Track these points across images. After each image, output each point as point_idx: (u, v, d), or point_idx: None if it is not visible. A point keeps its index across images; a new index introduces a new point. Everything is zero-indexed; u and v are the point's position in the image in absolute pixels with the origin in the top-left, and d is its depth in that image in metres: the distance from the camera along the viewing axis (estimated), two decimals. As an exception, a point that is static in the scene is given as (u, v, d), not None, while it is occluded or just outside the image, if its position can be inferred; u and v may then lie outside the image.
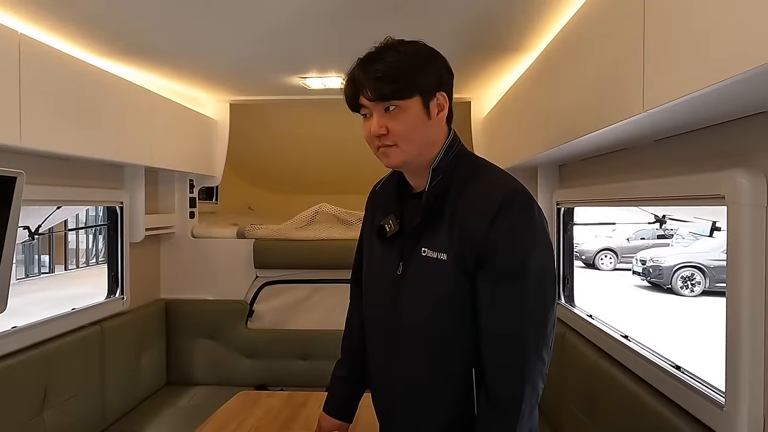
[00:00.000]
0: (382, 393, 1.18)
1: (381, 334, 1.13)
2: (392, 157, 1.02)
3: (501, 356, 0.97)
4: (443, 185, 1.03)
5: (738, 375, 1.08)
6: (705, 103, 0.97)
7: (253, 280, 2.98)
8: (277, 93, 2.86)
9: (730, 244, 1.11)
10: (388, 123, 0.99)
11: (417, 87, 1.00)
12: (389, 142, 1.01)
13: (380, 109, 1.00)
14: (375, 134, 1.00)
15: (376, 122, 1.00)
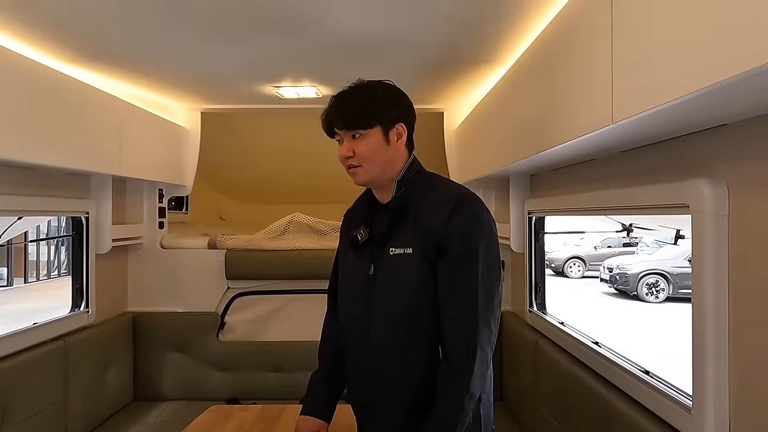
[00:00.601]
0: (359, 385, 1.30)
1: (357, 332, 1.26)
2: (358, 175, 1.25)
3: (457, 326, 1.15)
4: (406, 195, 1.24)
5: (704, 379, 1.12)
6: (670, 116, 1.01)
7: (225, 291, 2.92)
8: (249, 102, 2.83)
9: (695, 252, 1.15)
10: (354, 147, 1.22)
11: (378, 119, 1.22)
12: (355, 163, 1.23)
13: (348, 136, 1.23)
14: (344, 156, 1.23)
15: (345, 146, 1.23)
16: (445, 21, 1.65)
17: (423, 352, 1.19)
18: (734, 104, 0.93)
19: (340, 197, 4.04)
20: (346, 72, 2.24)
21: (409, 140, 1.29)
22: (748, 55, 0.70)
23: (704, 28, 0.80)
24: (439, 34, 1.78)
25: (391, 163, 1.25)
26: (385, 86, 1.27)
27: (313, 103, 2.82)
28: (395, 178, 1.26)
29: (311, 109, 2.93)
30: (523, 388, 2.24)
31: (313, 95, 2.61)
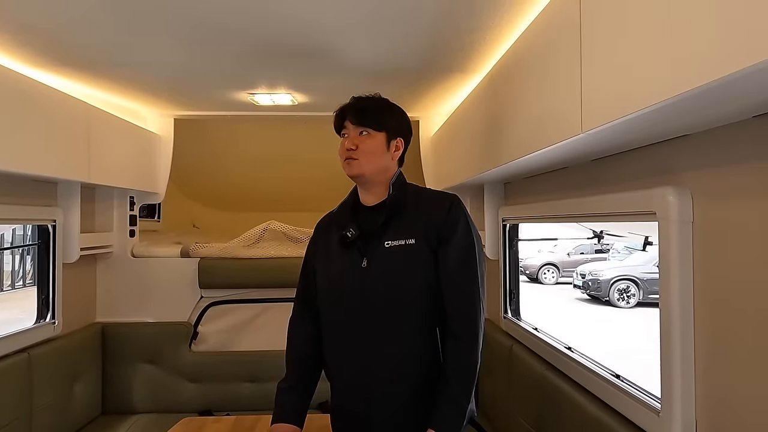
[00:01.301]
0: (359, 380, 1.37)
1: (350, 326, 1.37)
2: (353, 167, 1.38)
3: (461, 302, 1.34)
4: (399, 195, 1.41)
5: (671, 382, 1.15)
6: (637, 125, 1.04)
7: (198, 300, 2.87)
8: (224, 108, 2.81)
9: (662, 257, 1.18)
10: (358, 142, 1.38)
11: (385, 126, 1.41)
12: (355, 156, 1.37)
13: (356, 131, 1.39)
14: (348, 147, 1.38)
15: (350, 138, 1.39)
16: (422, 32, 1.67)
17: (421, 336, 1.36)
18: (696, 115, 0.96)
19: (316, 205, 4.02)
20: (322, 80, 2.26)
21: (401, 156, 1.47)
22: (708, 68, 0.73)
23: (667, 43, 0.83)
24: (415, 45, 1.80)
25: (384, 169, 1.41)
26: (397, 105, 1.47)
27: (289, 111, 2.81)
28: (386, 182, 1.42)
29: (287, 116, 2.94)
30: (498, 393, 2.25)
31: (288, 102, 2.60)
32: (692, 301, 1.14)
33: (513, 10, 1.48)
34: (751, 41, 0.66)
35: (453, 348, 1.33)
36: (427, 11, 1.50)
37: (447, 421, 1.29)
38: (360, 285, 1.36)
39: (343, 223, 1.43)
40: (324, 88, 2.40)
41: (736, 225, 1.01)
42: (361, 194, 1.47)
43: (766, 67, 0.65)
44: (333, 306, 1.44)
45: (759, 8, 0.64)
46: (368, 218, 1.42)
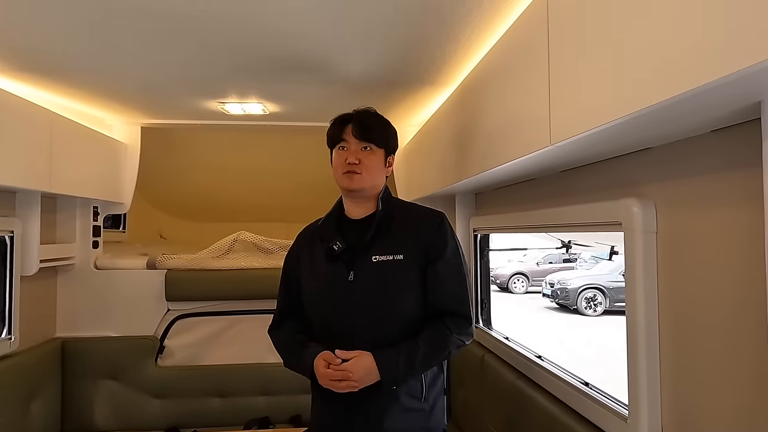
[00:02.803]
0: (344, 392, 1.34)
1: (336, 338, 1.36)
2: (356, 181, 1.40)
3: (457, 304, 1.41)
4: (388, 210, 1.44)
5: (638, 389, 1.17)
6: (603, 138, 1.07)
7: (165, 313, 2.79)
8: (193, 117, 2.76)
9: (628, 266, 1.22)
10: (362, 157, 1.40)
11: (385, 144, 1.45)
12: (358, 170, 1.39)
13: (359, 146, 1.41)
14: (351, 161, 1.39)
15: (353, 152, 1.40)
16: (394, 46, 1.68)
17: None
18: (657, 129, 1.00)
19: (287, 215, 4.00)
20: (294, 90, 2.25)
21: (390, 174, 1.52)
22: (668, 85, 0.76)
23: (631, 60, 0.86)
24: (387, 58, 1.81)
25: (378, 184, 1.45)
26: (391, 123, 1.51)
27: (261, 120, 2.79)
28: (376, 196, 1.45)
29: (258, 125, 2.91)
30: (470, 402, 2.26)
31: (259, 112, 2.58)
32: (657, 309, 1.17)
33: (483, 25, 1.51)
34: (707, 60, 0.69)
35: (440, 324, 1.38)
36: (399, 26, 1.52)
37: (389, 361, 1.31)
38: (347, 298, 1.37)
39: (328, 236, 1.43)
40: (296, 98, 2.39)
41: (696, 234, 1.05)
42: (348, 207, 1.48)
43: (721, 85, 0.68)
44: (319, 318, 1.44)
45: (714, 30, 0.67)
46: (355, 231, 1.42)
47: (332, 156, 1.47)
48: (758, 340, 0.88)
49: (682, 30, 0.73)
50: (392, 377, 1.32)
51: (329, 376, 1.31)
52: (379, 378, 1.31)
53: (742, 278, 0.92)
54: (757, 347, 0.89)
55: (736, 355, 0.94)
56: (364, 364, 1.30)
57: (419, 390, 1.40)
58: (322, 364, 1.33)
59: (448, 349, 1.38)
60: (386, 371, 1.31)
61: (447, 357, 1.41)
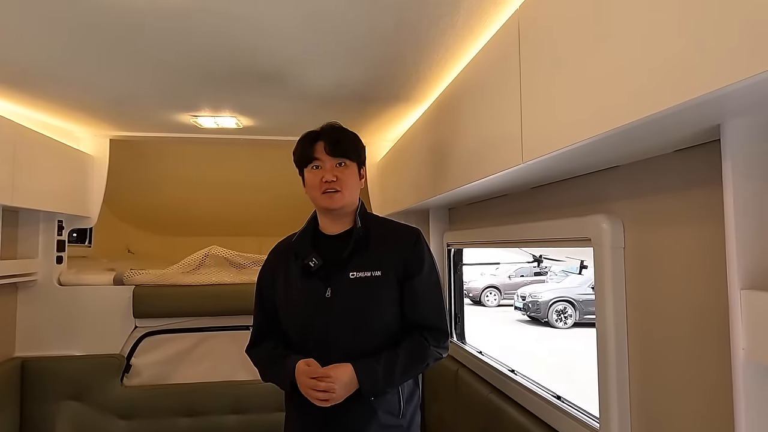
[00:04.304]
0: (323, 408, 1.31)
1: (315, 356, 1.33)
2: (336, 199, 1.39)
3: (434, 318, 1.42)
4: (366, 227, 1.43)
5: (608, 401, 1.20)
6: (572, 157, 1.10)
7: (132, 330, 2.71)
8: (165, 130, 2.72)
9: (597, 281, 1.25)
10: (338, 174, 1.39)
11: (357, 157, 1.44)
12: (338, 187, 1.38)
13: (334, 163, 1.39)
14: (328, 180, 1.37)
15: (330, 171, 1.38)
16: (369, 62, 1.70)
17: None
18: (624, 148, 1.03)
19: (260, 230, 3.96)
20: (269, 105, 2.24)
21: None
22: (634, 108, 0.79)
23: (599, 84, 0.89)
24: (362, 74, 1.83)
25: (355, 199, 1.45)
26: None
27: (234, 134, 2.76)
28: (353, 212, 1.44)
29: (231, 139, 2.89)
30: (445, 416, 2.26)
31: (233, 126, 2.56)
32: (625, 323, 1.20)
33: (457, 45, 1.54)
34: (671, 85, 0.72)
35: (418, 336, 1.38)
36: (375, 42, 1.54)
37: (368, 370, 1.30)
38: (325, 315, 1.36)
39: (303, 252, 1.42)
40: (270, 112, 2.39)
41: (661, 250, 1.08)
42: (323, 223, 1.47)
43: (684, 109, 0.72)
44: (296, 335, 1.42)
45: (678, 56, 0.71)
46: (331, 247, 1.41)
47: (304, 176, 1.45)
48: (720, 352, 0.91)
49: (648, 56, 0.77)
50: (372, 387, 1.31)
51: (313, 385, 1.28)
52: (358, 388, 1.30)
53: (705, 293, 0.96)
54: (719, 359, 0.92)
55: (701, 367, 0.98)
56: (343, 378, 1.29)
57: (397, 406, 1.40)
58: (305, 369, 1.31)
59: (426, 360, 1.38)
60: (366, 381, 1.30)
61: (425, 368, 1.41)
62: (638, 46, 0.79)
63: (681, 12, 0.70)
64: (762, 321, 0.75)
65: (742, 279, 0.78)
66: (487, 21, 1.38)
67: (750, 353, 0.76)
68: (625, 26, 0.82)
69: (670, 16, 0.72)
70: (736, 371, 0.78)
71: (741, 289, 0.78)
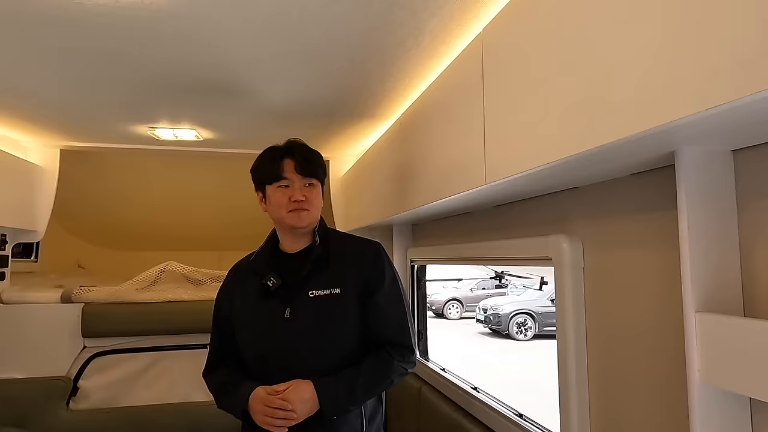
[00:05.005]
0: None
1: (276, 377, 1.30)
2: (303, 219, 1.37)
3: (398, 334, 1.39)
4: (324, 243, 1.41)
5: (570, 420, 1.21)
6: (534, 179, 1.12)
7: (80, 351, 2.57)
8: (120, 141, 2.62)
9: (558, 299, 1.26)
10: (306, 193, 1.37)
11: (322, 177, 1.43)
12: (306, 207, 1.36)
13: (303, 182, 1.38)
14: (297, 199, 1.35)
15: (299, 190, 1.36)
16: (333, 77, 1.69)
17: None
18: (582, 172, 1.06)
19: (220, 244, 3.86)
20: (230, 118, 2.20)
21: None
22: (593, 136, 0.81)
23: (558, 111, 0.91)
24: (327, 89, 1.82)
25: (318, 216, 1.43)
26: None
27: (193, 146, 2.69)
28: (313, 229, 1.42)
29: (190, 151, 2.81)
30: (408, 437, 2.23)
31: (193, 138, 2.49)
32: (585, 340, 1.22)
33: (422, 64, 1.55)
34: (629, 115, 0.74)
35: (382, 352, 1.36)
36: (339, 57, 1.53)
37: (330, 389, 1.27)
38: (284, 336, 1.33)
39: (262, 271, 1.39)
40: (232, 126, 2.34)
41: (618, 271, 1.11)
42: (284, 241, 1.44)
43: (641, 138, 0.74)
44: (255, 358, 1.38)
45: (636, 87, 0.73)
46: (290, 266, 1.39)
47: (266, 193, 1.41)
48: (678, 371, 0.94)
49: (606, 86, 0.79)
50: (333, 406, 1.28)
51: (265, 412, 1.24)
52: (319, 408, 1.26)
53: (662, 314, 0.99)
54: (677, 378, 0.94)
55: (660, 386, 1.00)
56: (302, 396, 1.25)
57: (359, 426, 1.37)
58: (260, 399, 1.27)
59: (391, 377, 1.35)
60: (327, 400, 1.27)
61: (390, 385, 1.38)
62: (598, 75, 0.81)
63: (639, 45, 0.73)
64: (716, 343, 0.77)
65: (696, 302, 0.80)
66: (452, 42, 1.40)
67: (705, 375, 0.78)
68: (585, 56, 0.84)
69: (628, 49, 0.75)
70: (692, 393, 0.80)
71: (696, 311, 0.80)
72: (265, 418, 1.25)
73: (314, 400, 1.26)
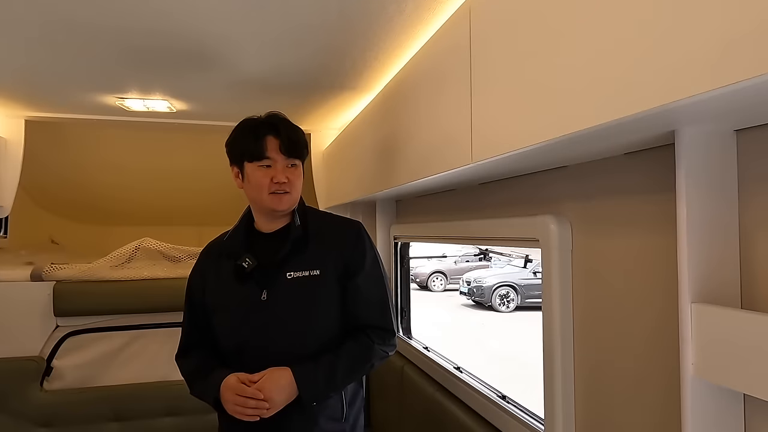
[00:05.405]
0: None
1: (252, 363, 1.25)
2: (284, 202, 1.30)
3: (379, 317, 1.35)
4: (303, 223, 1.34)
5: (554, 404, 1.18)
6: (522, 157, 1.05)
7: (53, 330, 2.49)
8: (89, 112, 2.48)
9: (544, 281, 1.22)
10: (289, 175, 1.29)
11: (305, 157, 1.35)
12: (288, 189, 1.29)
13: (286, 163, 1.30)
14: (280, 181, 1.28)
15: (281, 171, 1.28)
16: (313, 48, 1.59)
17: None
18: (572, 151, 1.00)
19: (199, 219, 3.75)
20: (204, 89, 2.08)
21: None
22: (588, 115, 0.75)
23: (551, 88, 0.84)
24: (306, 60, 1.71)
25: (299, 197, 1.35)
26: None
27: (166, 118, 2.57)
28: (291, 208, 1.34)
29: (163, 123, 2.68)
30: (390, 414, 2.22)
31: (165, 110, 2.37)
32: (572, 325, 1.18)
33: (405, 33, 1.46)
34: (628, 94, 0.67)
35: (362, 336, 1.31)
36: (319, 28, 1.43)
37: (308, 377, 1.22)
38: (260, 320, 1.27)
39: (236, 252, 1.32)
40: (206, 97, 2.22)
41: (609, 254, 1.06)
42: (260, 221, 1.37)
43: (641, 118, 0.67)
44: (230, 343, 1.32)
45: (636, 65, 0.66)
46: (266, 247, 1.32)
47: (244, 170, 1.32)
48: (668, 362, 0.90)
49: (604, 63, 0.72)
50: (312, 393, 1.23)
51: (236, 401, 1.19)
52: (297, 395, 1.22)
53: (654, 302, 0.94)
54: (667, 369, 0.91)
55: (648, 376, 0.96)
56: (279, 383, 1.20)
57: (339, 410, 1.33)
58: (231, 387, 1.21)
59: (371, 361, 1.32)
60: (305, 387, 1.22)
61: (370, 369, 1.34)
62: (594, 49, 0.74)
63: (639, 19, 0.66)
64: (712, 336, 0.73)
65: (693, 292, 0.76)
66: (437, 9, 1.31)
67: (699, 369, 0.74)
68: (581, 28, 0.77)
69: (628, 23, 0.67)
70: (685, 386, 0.76)
71: (692, 302, 0.76)
72: (236, 408, 1.20)
73: (292, 387, 1.22)
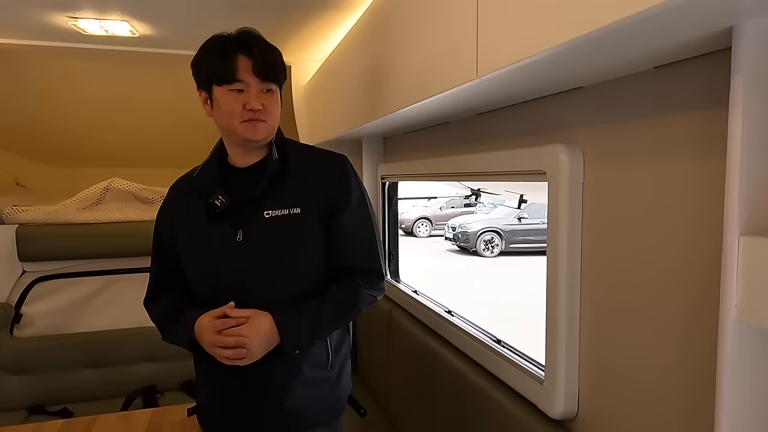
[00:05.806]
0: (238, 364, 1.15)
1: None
2: (260, 131, 1.16)
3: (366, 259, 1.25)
4: (282, 156, 1.21)
5: (556, 351, 1.09)
6: (533, 72, 0.90)
7: (20, 276, 2.35)
8: (40, 37, 2.22)
9: (551, 217, 1.10)
10: (264, 101, 1.15)
11: (282, 81, 1.20)
12: (263, 117, 1.15)
13: (260, 88, 1.15)
14: (254, 108, 1.13)
15: (255, 97, 1.14)
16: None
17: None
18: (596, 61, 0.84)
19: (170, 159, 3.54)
20: (168, 6, 1.84)
21: None
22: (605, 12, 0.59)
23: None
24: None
25: (276, 126, 1.22)
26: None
27: (129, 45, 2.32)
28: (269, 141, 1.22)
29: (129, 51, 2.44)
30: (378, 359, 2.17)
31: (126, 34, 2.13)
32: (579, 267, 1.08)
33: (396, -68, 1.26)
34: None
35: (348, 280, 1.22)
36: None
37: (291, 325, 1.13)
38: (236, 262, 1.17)
39: (207, 190, 1.20)
40: (173, 18, 1.98)
41: (628, 187, 0.94)
42: (233, 154, 1.24)
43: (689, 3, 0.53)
44: (203, 287, 1.22)
45: None
46: (241, 183, 1.20)
47: (213, 94, 1.15)
48: (692, 306, 0.80)
49: None
50: (295, 341, 1.14)
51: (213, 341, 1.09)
52: (279, 342, 1.13)
53: (679, 237, 0.83)
54: (689, 314, 0.81)
55: (662, 318, 0.87)
56: (260, 332, 1.10)
57: (324, 357, 1.24)
58: (204, 327, 1.10)
59: (358, 306, 1.22)
60: (287, 335, 1.13)
61: (357, 315, 1.24)
62: None
63: None
64: (762, 275, 0.62)
65: (743, 223, 0.64)
66: None
67: (743, 311, 0.64)
68: None
69: None
70: (725, 330, 0.66)
71: (740, 235, 0.64)
72: (215, 349, 1.09)
73: (274, 335, 1.12)
